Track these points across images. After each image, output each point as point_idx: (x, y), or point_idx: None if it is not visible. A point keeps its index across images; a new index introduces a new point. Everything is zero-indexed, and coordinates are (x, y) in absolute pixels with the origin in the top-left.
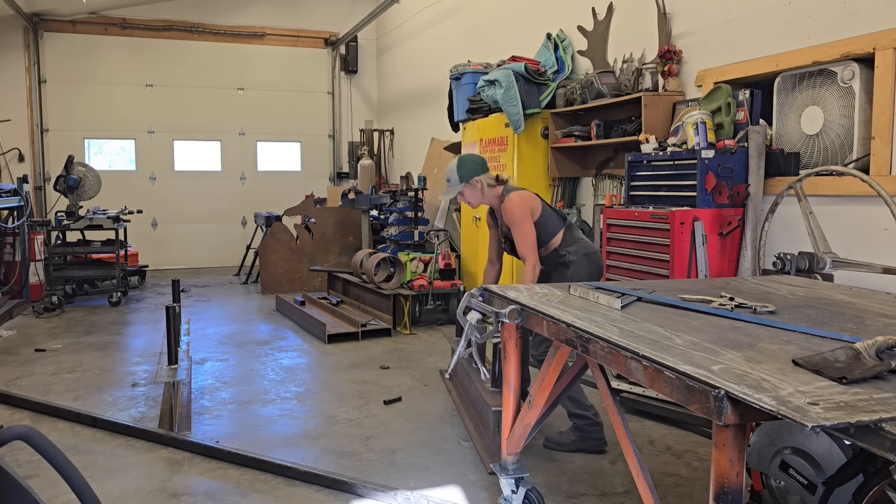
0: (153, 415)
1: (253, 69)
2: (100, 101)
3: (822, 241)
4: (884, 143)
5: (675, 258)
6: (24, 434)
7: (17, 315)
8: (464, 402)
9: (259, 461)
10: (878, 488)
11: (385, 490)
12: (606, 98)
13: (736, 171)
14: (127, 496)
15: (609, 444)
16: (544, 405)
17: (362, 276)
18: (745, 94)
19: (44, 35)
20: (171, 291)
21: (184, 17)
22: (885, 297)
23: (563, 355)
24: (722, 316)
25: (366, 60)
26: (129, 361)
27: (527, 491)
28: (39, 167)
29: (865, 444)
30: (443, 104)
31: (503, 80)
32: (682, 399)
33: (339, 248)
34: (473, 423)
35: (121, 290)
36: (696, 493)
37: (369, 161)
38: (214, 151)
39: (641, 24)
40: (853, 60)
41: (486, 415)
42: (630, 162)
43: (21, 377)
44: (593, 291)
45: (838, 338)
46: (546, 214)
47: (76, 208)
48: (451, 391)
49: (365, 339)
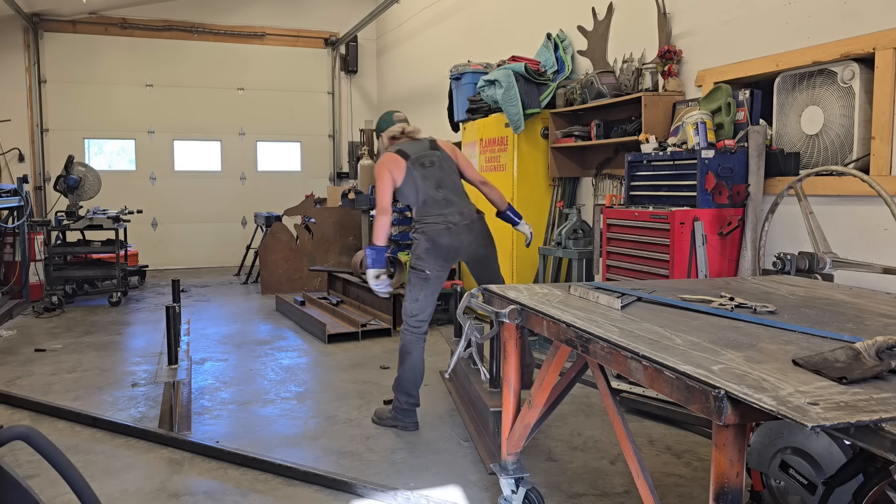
0: (153, 415)
1: (253, 69)
2: (100, 101)
3: (822, 241)
4: (884, 143)
5: (675, 258)
6: (24, 434)
7: (17, 315)
8: (463, 402)
9: (259, 461)
10: (878, 488)
11: (385, 490)
12: (606, 98)
13: (736, 171)
14: (127, 496)
15: (609, 444)
16: (544, 405)
17: (362, 276)
18: (745, 94)
19: (44, 35)
20: (171, 291)
21: (184, 17)
22: (885, 297)
23: (563, 355)
24: (722, 316)
25: (366, 60)
26: (129, 361)
27: (527, 491)
28: (39, 167)
29: (865, 444)
30: (443, 104)
31: (503, 80)
32: (682, 399)
33: (339, 248)
34: (473, 423)
35: (121, 290)
36: (696, 493)
37: (369, 161)
38: (214, 151)
39: (641, 24)
40: (853, 60)
41: (486, 415)
42: (630, 162)
43: (21, 377)
44: (593, 291)
45: (838, 338)
46: (405, 185)
47: (76, 208)
48: (452, 392)
49: (365, 339)
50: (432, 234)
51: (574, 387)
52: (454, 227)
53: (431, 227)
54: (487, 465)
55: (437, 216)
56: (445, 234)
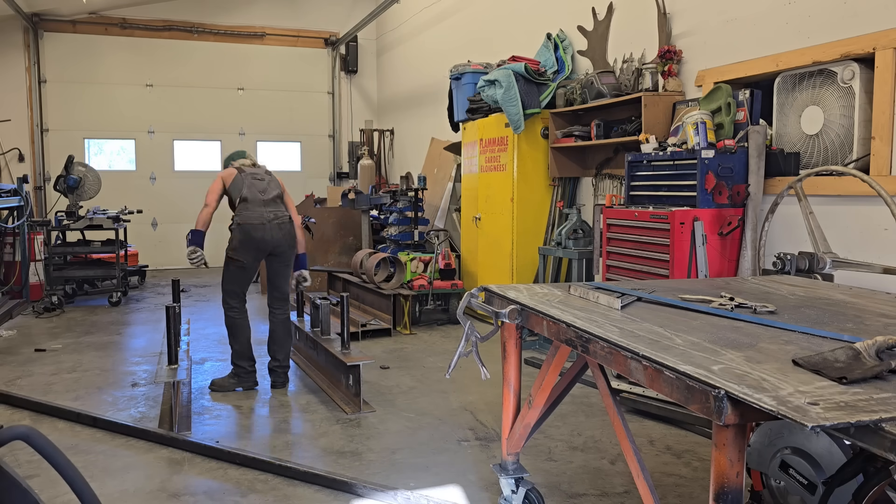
0: (153, 415)
1: (253, 69)
2: (100, 101)
3: (822, 241)
4: (884, 143)
5: (675, 258)
6: (24, 434)
7: (17, 315)
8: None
9: (259, 461)
10: (878, 488)
11: (385, 490)
12: (606, 98)
13: (736, 171)
14: (127, 496)
15: (609, 444)
16: (544, 405)
17: (362, 276)
18: (745, 94)
19: (44, 35)
20: (171, 291)
21: (184, 17)
22: (885, 297)
23: (563, 355)
24: (722, 316)
25: (366, 60)
26: (129, 361)
27: (527, 491)
28: (39, 167)
29: (865, 444)
30: (443, 104)
31: (503, 80)
32: (682, 399)
33: (339, 248)
34: (326, 379)
35: (121, 290)
36: (696, 493)
37: (369, 161)
38: (214, 151)
39: (641, 24)
40: (853, 60)
41: (340, 370)
42: (630, 162)
43: (21, 377)
44: (593, 291)
45: (838, 338)
46: (232, 187)
47: (76, 208)
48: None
49: (365, 339)
50: (248, 228)
51: (574, 387)
52: (268, 223)
53: (247, 222)
54: (346, 409)
55: (255, 212)
56: (259, 228)
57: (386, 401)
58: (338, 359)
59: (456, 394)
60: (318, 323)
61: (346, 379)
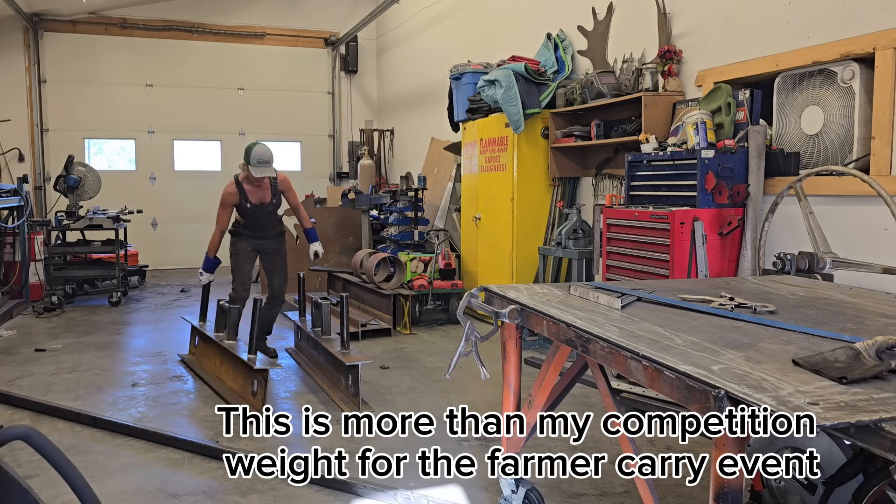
0: (153, 415)
1: (253, 69)
2: (100, 101)
3: (822, 241)
4: (884, 143)
5: (675, 258)
6: (24, 434)
7: (17, 315)
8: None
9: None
10: (878, 488)
11: (385, 490)
12: (606, 98)
13: (736, 171)
14: (127, 496)
15: (609, 444)
16: (544, 405)
17: (362, 276)
18: (745, 94)
19: (44, 35)
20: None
21: (184, 17)
22: (885, 297)
23: (563, 355)
24: (722, 316)
25: (366, 60)
26: (129, 361)
27: (527, 491)
28: (39, 167)
29: (865, 444)
30: (443, 104)
31: (503, 80)
32: (682, 399)
33: (339, 248)
34: (327, 379)
35: (121, 290)
36: (696, 493)
37: (369, 161)
38: (214, 151)
39: (641, 24)
40: (853, 60)
41: (340, 370)
42: (630, 162)
43: (21, 377)
44: (593, 291)
45: (838, 338)
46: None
47: (76, 208)
48: (301, 363)
49: (365, 339)
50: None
51: (574, 387)
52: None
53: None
54: (345, 409)
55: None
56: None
57: (385, 401)
58: (337, 359)
59: (456, 394)
60: (320, 323)
61: (346, 379)
